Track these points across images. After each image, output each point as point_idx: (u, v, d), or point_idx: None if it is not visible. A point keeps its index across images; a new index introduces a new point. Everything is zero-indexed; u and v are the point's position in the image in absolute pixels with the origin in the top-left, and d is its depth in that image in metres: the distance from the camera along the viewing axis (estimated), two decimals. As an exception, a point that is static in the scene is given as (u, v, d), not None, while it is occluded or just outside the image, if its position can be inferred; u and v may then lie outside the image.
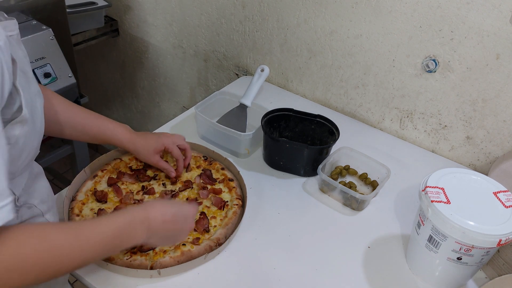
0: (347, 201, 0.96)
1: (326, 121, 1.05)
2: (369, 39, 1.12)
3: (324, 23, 1.18)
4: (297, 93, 1.36)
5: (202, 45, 1.53)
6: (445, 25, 0.99)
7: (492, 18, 0.92)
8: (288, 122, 1.08)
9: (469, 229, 0.67)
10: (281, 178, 1.02)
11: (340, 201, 0.97)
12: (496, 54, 0.96)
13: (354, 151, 1.03)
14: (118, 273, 0.77)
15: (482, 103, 1.03)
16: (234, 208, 0.89)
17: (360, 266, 0.83)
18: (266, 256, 0.83)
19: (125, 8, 1.68)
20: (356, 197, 0.92)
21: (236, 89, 1.25)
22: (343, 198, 0.97)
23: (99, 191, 0.90)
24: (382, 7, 1.06)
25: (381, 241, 0.89)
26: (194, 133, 1.13)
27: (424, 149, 1.18)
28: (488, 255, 0.72)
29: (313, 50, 1.25)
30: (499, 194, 0.75)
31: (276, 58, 1.35)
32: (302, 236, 0.88)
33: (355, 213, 0.95)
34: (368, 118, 1.25)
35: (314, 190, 1.00)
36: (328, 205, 0.96)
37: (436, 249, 0.74)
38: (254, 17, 1.32)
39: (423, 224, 0.75)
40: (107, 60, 1.92)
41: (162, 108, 1.88)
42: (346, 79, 1.23)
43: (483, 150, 1.09)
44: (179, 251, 0.79)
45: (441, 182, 0.76)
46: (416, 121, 1.16)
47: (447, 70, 1.04)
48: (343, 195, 0.96)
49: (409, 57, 1.08)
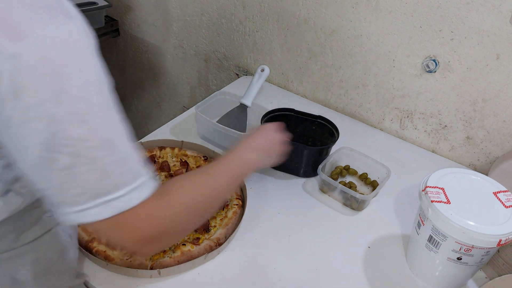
0: (347, 201, 0.96)
1: (327, 122, 1.05)
2: (369, 39, 1.12)
3: (324, 24, 1.18)
4: (297, 93, 1.36)
5: (202, 45, 1.53)
6: (445, 25, 0.99)
7: (492, 18, 0.92)
8: (289, 122, 1.08)
9: (469, 229, 0.67)
10: (281, 179, 1.03)
11: (340, 201, 0.97)
12: (496, 54, 0.96)
13: (354, 151, 1.03)
14: (118, 273, 0.77)
15: (482, 103, 1.03)
16: (234, 208, 0.89)
17: (360, 266, 0.83)
18: (266, 256, 0.83)
19: (125, 8, 1.68)
20: (356, 197, 0.92)
21: (237, 89, 1.25)
22: (343, 198, 0.97)
23: None
24: (382, 7, 1.06)
25: (381, 241, 0.89)
26: (194, 133, 1.13)
27: (424, 149, 1.18)
28: (488, 255, 0.72)
29: (313, 50, 1.25)
30: (499, 194, 0.75)
31: (276, 58, 1.35)
32: (302, 236, 0.88)
33: (355, 213, 0.95)
34: (368, 118, 1.25)
35: (314, 190, 1.00)
36: (328, 205, 0.96)
37: (436, 249, 0.74)
38: (254, 17, 1.32)
39: (423, 224, 0.75)
40: (107, 60, 1.89)
41: (162, 108, 1.88)
42: (346, 79, 1.23)
43: (483, 150, 1.09)
44: (179, 251, 0.79)
45: (441, 182, 0.76)
46: (416, 121, 1.16)
47: (447, 70, 1.04)
48: (343, 195, 0.96)
49: (409, 57, 1.08)
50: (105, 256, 0.77)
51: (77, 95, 0.45)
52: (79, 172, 0.46)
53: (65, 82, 0.44)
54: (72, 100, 0.44)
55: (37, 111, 0.43)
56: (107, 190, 0.47)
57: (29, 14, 0.42)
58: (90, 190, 0.47)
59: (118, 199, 0.48)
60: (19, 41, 0.41)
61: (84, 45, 0.46)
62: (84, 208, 0.47)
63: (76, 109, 0.44)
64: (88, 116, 0.45)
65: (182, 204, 0.56)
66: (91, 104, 0.46)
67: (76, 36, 0.45)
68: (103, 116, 0.47)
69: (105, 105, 0.48)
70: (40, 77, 0.42)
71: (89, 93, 0.46)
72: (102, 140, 0.47)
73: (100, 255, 0.77)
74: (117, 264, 0.76)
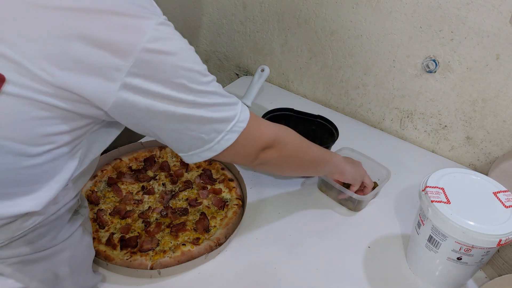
0: (344, 201, 0.96)
1: (327, 121, 1.05)
2: (370, 39, 1.12)
3: (324, 24, 1.18)
4: (297, 93, 1.36)
5: (203, 45, 1.53)
6: (445, 25, 0.99)
7: (492, 18, 0.92)
8: (289, 122, 1.08)
9: (469, 229, 0.67)
10: (281, 178, 1.03)
11: (337, 201, 0.97)
12: (496, 55, 0.96)
13: (355, 151, 1.03)
14: (118, 273, 0.77)
15: (482, 103, 1.03)
16: (234, 208, 0.90)
17: (360, 266, 0.83)
18: (266, 256, 0.83)
19: (125, 9, 1.68)
20: (352, 198, 0.92)
21: (237, 89, 1.25)
22: (340, 197, 0.96)
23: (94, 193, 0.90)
24: (382, 8, 1.06)
25: (381, 241, 0.89)
26: (195, 133, 1.13)
27: (424, 149, 1.18)
28: (488, 255, 0.72)
29: (313, 50, 1.25)
30: (499, 194, 0.75)
31: (276, 58, 1.35)
32: (302, 236, 0.88)
33: (355, 213, 0.95)
34: (368, 118, 1.25)
35: (314, 190, 1.00)
36: (329, 205, 0.96)
37: (436, 249, 0.74)
38: (255, 17, 1.32)
39: (423, 224, 0.75)
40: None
41: (162, 108, 1.88)
42: (346, 80, 1.23)
43: (483, 150, 1.09)
44: (179, 251, 0.79)
45: (441, 182, 0.76)
46: (416, 121, 1.16)
47: (447, 70, 1.04)
48: (340, 195, 0.96)
49: (409, 58, 1.08)
50: (105, 256, 0.77)
51: (190, 67, 0.53)
52: (215, 111, 0.58)
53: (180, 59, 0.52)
54: (187, 71, 0.53)
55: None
56: (229, 119, 0.60)
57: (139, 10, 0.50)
58: (221, 122, 0.59)
59: (236, 125, 0.60)
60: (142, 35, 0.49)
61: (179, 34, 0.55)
62: (220, 139, 0.59)
63: (192, 78, 0.53)
64: (200, 79, 0.55)
65: (284, 131, 0.72)
66: (199, 72, 0.55)
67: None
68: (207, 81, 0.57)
69: (204, 71, 0.57)
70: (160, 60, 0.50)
71: (195, 67, 0.54)
72: (215, 90, 0.58)
73: (100, 255, 0.77)
74: (117, 264, 0.76)
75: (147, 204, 0.91)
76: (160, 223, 0.86)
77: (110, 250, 0.79)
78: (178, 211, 0.88)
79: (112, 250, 0.79)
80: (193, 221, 0.87)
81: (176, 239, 0.82)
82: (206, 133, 0.58)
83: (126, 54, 0.48)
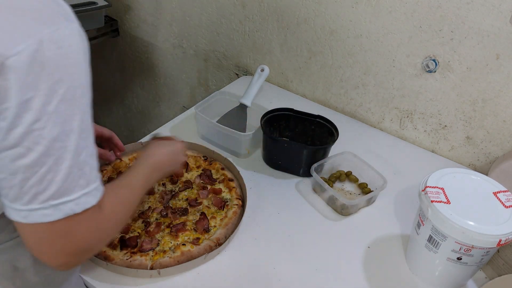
0: (332, 203, 0.95)
1: (326, 121, 1.05)
2: (369, 39, 1.12)
3: (324, 23, 1.18)
4: (297, 93, 1.36)
5: (202, 45, 1.53)
6: (445, 25, 0.99)
7: (492, 18, 0.92)
8: (288, 122, 1.08)
9: (469, 229, 0.67)
10: (281, 178, 1.02)
11: (327, 202, 0.96)
12: (496, 54, 0.96)
13: (357, 157, 1.02)
14: (117, 273, 0.77)
15: (482, 103, 1.03)
16: (234, 208, 0.89)
17: (360, 266, 0.83)
18: (266, 256, 0.83)
19: (125, 8, 1.68)
20: (340, 200, 0.91)
21: (236, 89, 1.25)
22: (329, 199, 0.96)
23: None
24: (382, 7, 1.06)
25: (380, 241, 0.89)
26: (194, 133, 1.13)
27: (424, 149, 1.18)
28: (488, 255, 0.72)
29: (313, 50, 1.25)
30: (499, 194, 0.75)
31: (276, 58, 1.35)
32: (302, 236, 0.88)
33: (355, 213, 0.95)
34: (368, 118, 1.25)
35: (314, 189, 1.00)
36: (328, 205, 0.96)
37: (436, 249, 0.74)
38: (254, 17, 1.32)
39: (423, 224, 0.75)
40: (107, 60, 1.92)
41: (162, 108, 1.88)
42: (346, 79, 1.23)
43: (483, 150, 1.09)
44: (179, 251, 0.79)
45: (441, 182, 0.76)
46: (416, 121, 1.16)
47: (447, 70, 1.04)
48: (329, 197, 0.96)
49: (409, 57, 1.08)
50: (105, 256, 0.77)
51: (64, 96, 0.47)
52: (43, 172, 0.47)
53: (58, 82, 0.46)
54: (59, 100, 0.46)
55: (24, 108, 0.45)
56: (66, 191, 0.49)
57: (33, 17, 0.45)
58: (49, 191, 0.48)
59: (67, 203, 0.49)
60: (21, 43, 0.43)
61: (80, 49, 0.49)
62: (37, 208, 0.48)
63: (59, 109, 0.47)
64: (68, 117, 0.48)
65: (114, 220, 0.60)
66: (74, 106, 0.48)
67: (73, 40, 0.48)
68: (81, 120, 0.50)
69: (84, 109, 0.51)
70: (36, 75, 0.44)
71: (75, 95, 0.49)
72: (75, 143, 0.49)
73: (100, 255, 0.77)
74: (117, 264, 0.76)
75: (147, 204, 0.91)
76: (160, 223, 0.86)
77: (110, 250, 0.79)
78: (178, 211, 0.88)
79: (112, 250, 0.79)
80: (193, 221, 0.87)
81: (176, 239, 0.82)
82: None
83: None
